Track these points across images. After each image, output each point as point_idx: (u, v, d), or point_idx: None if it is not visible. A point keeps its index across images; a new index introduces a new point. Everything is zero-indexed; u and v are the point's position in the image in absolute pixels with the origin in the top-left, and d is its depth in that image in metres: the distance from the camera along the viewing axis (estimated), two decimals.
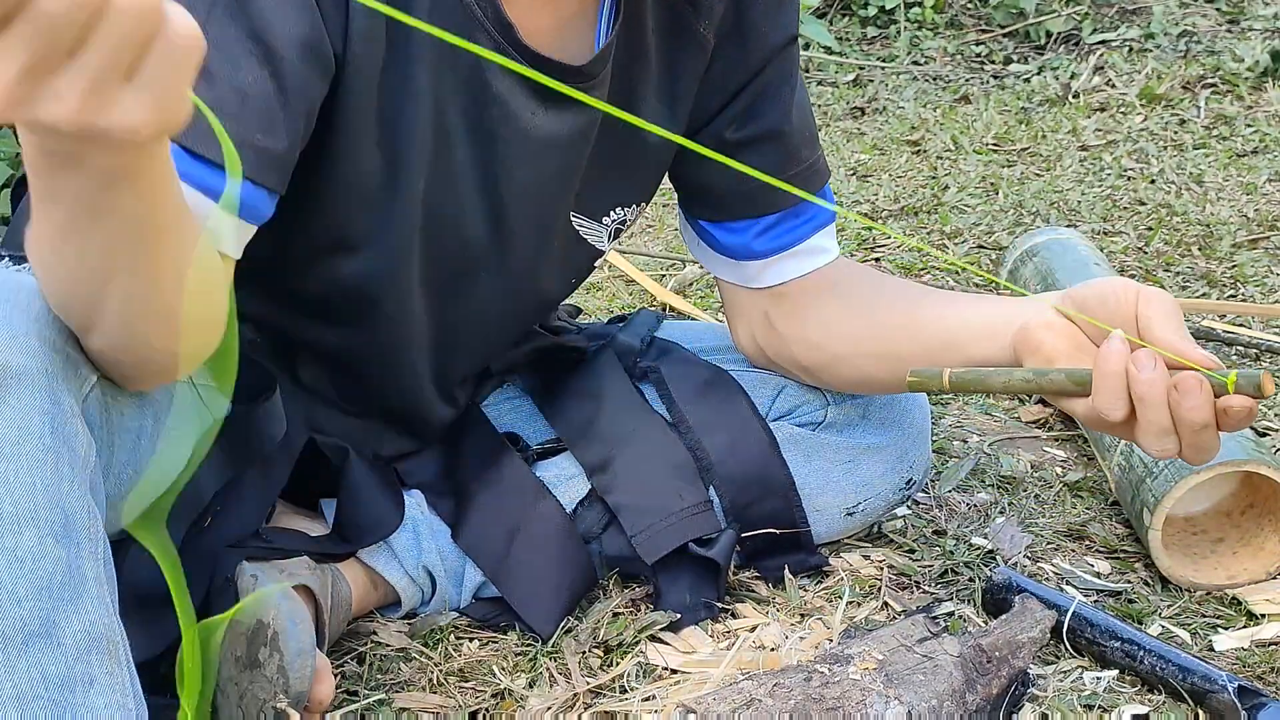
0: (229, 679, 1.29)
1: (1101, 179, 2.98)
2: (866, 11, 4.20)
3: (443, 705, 1.36)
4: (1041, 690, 1.34)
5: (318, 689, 1.28)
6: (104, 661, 0.99)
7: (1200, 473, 1.48)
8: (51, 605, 0.97)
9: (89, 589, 1.00)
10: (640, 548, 1.48)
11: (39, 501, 0.99)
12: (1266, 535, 1.54)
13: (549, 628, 1.46)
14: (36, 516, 0.99)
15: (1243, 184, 2.87)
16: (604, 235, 1.47)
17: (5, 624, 0.95)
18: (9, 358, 1.01)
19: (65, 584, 0.98)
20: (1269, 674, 1.37)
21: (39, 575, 0.97)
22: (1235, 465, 1.48)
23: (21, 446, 1.00)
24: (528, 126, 1.31)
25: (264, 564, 1.34)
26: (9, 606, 0.95)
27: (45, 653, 0.96)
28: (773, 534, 1.52)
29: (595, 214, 1.44)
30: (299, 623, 1.27)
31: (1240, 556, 1.55)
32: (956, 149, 3.28)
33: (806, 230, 1.49)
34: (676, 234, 2.78)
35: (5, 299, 1.04)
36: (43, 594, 0.97)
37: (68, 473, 1.02)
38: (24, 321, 1.04)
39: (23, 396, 1.01)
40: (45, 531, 0.98)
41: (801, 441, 1.55)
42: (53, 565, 0.98)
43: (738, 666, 1.39)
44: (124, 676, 1.00)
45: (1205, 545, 1.58)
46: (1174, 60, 3.75)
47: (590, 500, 1.52)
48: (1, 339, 1.02)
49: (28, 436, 1.00)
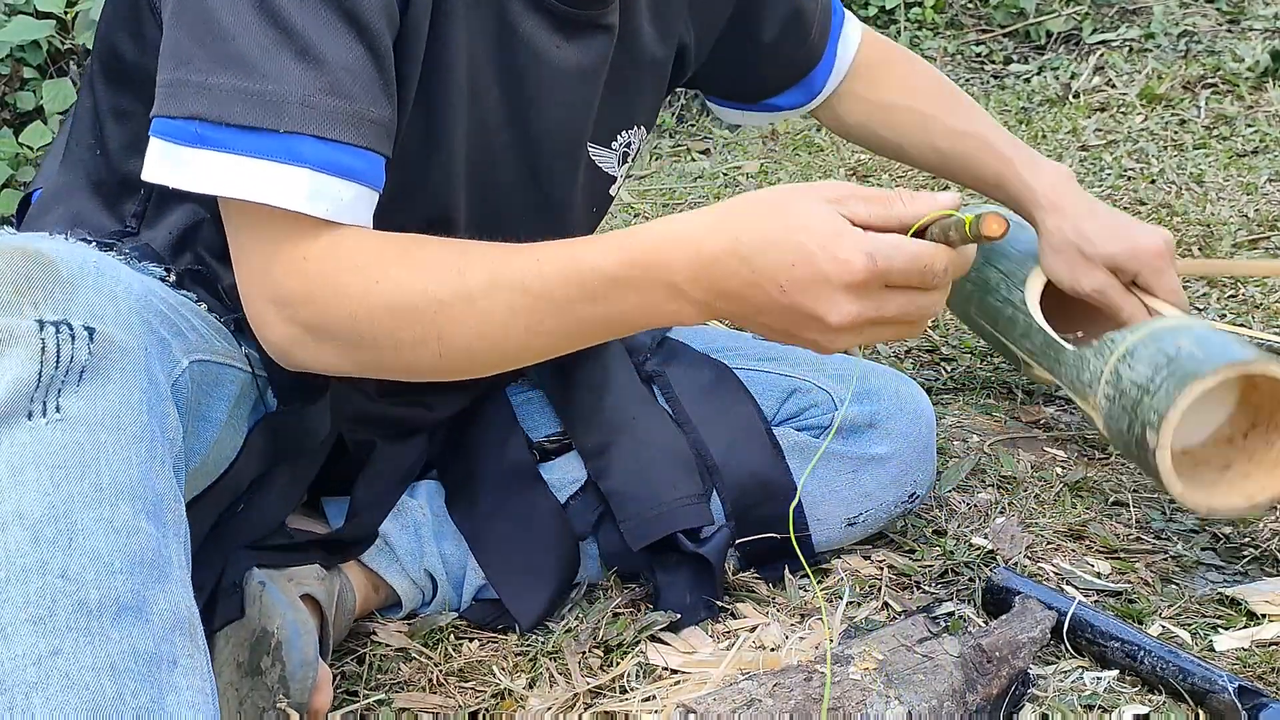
0: (229, 684, 1.29)
1: (1102, 179, 2.98)
2: (866, 11, 4.20)
3: (443, 705, 1.36)
4: (1042, 690, 1.34)
5: (316, 698, 1.28)
6: (186, 643, 0.99)
7: (1206, 377, 1.40)
8: (143, 581, 0.97)
9: (174, 570, 1.00)
10: (628, 535, 1.47)
11: (134, 477, 0.99)
12: (1279, 450, 1.48)
13: (529, 619, 1.46)
14: (132, 492, 0.99)
15: (1243, 184, 2.87)
16: (614, 160, 1.48)
17: (101, 593, 0.95)
18: (115, 333, 1.02)
19: (155, 562, 0.98)
20: (1269, 674, 1.37)
21: (133, 549, 0.97)
22: (1242, 367, 1.40)
23: (121, 420, 1.00)
24: (556, 61, 1.34)
25: (273, 571, 1.34)
26: (105, 577, 0.95)
27: (136, 627, 0.95)
28: (773, 539, 1.52)
29: (605, 139, 1.46)
30: (304, 634, 1.27)
31: (1254, 477, 1.48)
32: None
33: (834, 37, 1.72)
34: None
35: (111, 277, 1.05)
36: (136, 569, 0.97)
37: (160, 453, 1.03)
38: (127, 299, 1.05)
39: (126, 371, 1.02)
40: (139, 508, 0.99)
41: (805, 449, 1.55)
42: (145, 541, 0.98)
43: (738, 666, 1.38)
44: (201, 660, 1.00)
45: (1211, 475, 1.51)
46: (1174, 60, 3.75)
47: (585, 490, 1.52)
48: (109, 314, 1.02)
49: (129, 411, 1.01)
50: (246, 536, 1.35)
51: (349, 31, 1.14)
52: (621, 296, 1.12)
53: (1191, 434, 1.54)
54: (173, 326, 1.15)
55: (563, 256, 1.12)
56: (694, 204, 2.97)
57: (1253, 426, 1.53)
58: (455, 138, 1.30)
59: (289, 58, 1.12)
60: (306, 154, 1.12)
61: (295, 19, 1.12)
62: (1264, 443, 1.51)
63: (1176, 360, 1.44)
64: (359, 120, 1.14)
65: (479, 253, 1.15)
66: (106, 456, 0.98)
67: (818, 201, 1.07)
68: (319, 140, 1.12)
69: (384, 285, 1.14)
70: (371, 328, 1.15)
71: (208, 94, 1.12)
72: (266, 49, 1.12)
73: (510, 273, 1.13)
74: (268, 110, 1.11)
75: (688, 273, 1.09)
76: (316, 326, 1.16)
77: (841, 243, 1.05)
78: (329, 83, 1.13)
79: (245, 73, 1.11)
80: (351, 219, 1.15)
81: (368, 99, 1.15)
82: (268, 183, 1.12)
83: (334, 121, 1.13)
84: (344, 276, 1.14)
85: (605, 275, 1.11)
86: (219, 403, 1.24)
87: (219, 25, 1.12)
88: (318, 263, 1.15)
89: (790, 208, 1.08)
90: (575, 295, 1.12)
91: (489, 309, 1.13)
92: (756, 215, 1.09)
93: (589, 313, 1.13)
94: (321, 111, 1.13)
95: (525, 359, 1.20)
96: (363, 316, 1.14)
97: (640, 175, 3.15)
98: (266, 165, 1.12)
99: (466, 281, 1.13)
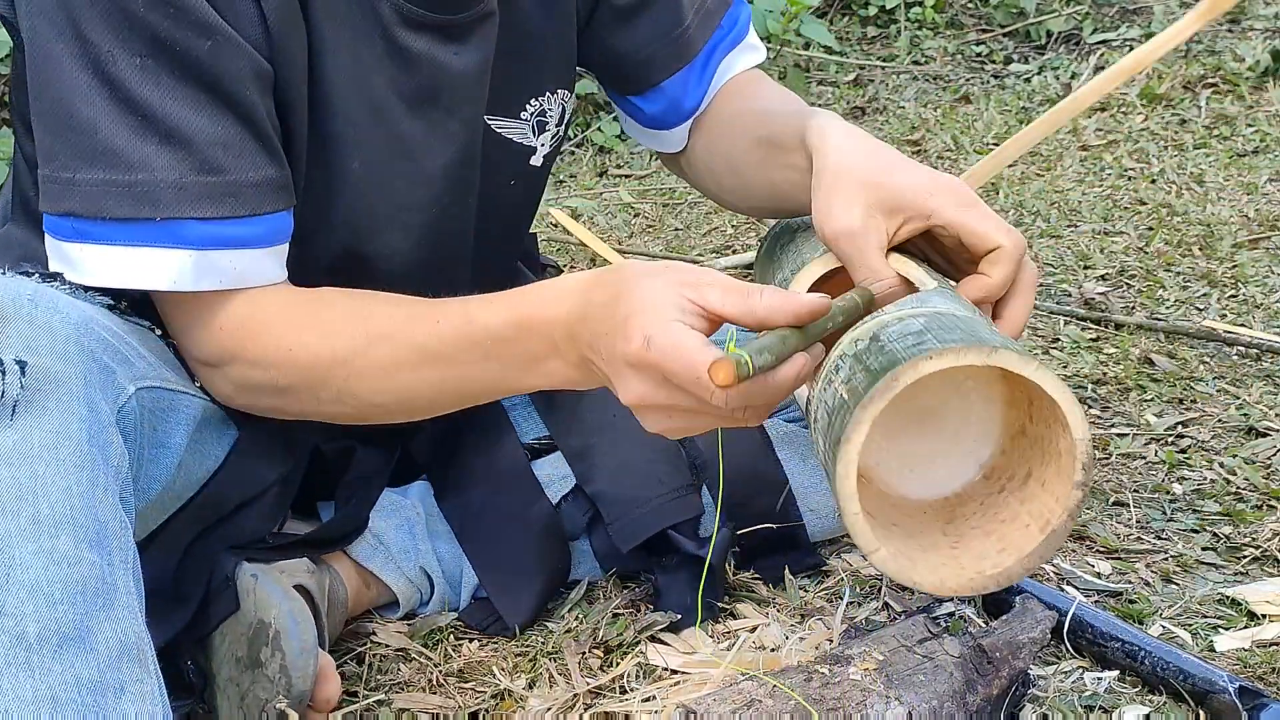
0: (229, 680, 1.29)
1: (1102, 179, 2.98)
2: (867, 11, 4.20)
3: (442, 705, 1.36)
4: (1042, 691, 1.34)
5: (324, 688, 1.28)
6: (134, 670, 0.99)
7: (936, 355, 1.00)
8: (86, 610, 0.97)
9: (120, 597, 1.00)
10: (616, 537, 1.47)
11: (75, 507, 0.99)
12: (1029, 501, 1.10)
13: (517, 619, 1.46)
14: (73, 521, 0.99)
15: (1243, 184, 2.87)
16: (527, 129, 1.46)
17: (41, 625, 0.95)
18: (50, 363, 1.02)
19: (99, 590, 0.98)
20: (1270, 674, 1.37)
21: (74, 579, 0.97)
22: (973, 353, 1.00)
23: (58, 452, 1.00)
24: (460, 67, 1.33)
25: (263, 565, 1.34)
26: (45, 608, 0.95)
27: (79, 657, 0.96)
28: (769, 529, 1.52)
29: (511, 110, 1.44)
30: (301, 621, 1.27)
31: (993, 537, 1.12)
32: (957, 149, 3.28)
33: (717, 59, 1.53)
34: (677, 234, 2.78)
35: (47, 308, 1.05)
36: (78, 598, 0.97)
37: (102, 481, 1.02)
38: (64, 329, 1.05)
39: (62, 402, 1.02)
40: (81, 537, 0.99)
41: (795, 440, 1.55)
42: (87, 570, 0.98)
43: (738, 666, 1.38)
44: (153, 685, 1.00)
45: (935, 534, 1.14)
46: (1174, 60, 3.74)
47: (575, 493, 1.51)
48: (44, 346, 1.03)
49: (65, 442, 1.01)
50: (232, 543, 1.35)
51: (213, 103, 1.16)
52: (509, 353, 1.16)
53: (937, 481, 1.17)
54: (117, 354, 1.15)
55: (458, 317, 1.17)
56: (693, 203, 2.97)
57: (1009, 479, 1.15)
58: (348, 162, 1.30)
59: (154, 144, 1.14)
60: (187, 235, 1.16)
61: (154, 103, 1.14)
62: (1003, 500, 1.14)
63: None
64: (237, 190, 1.17)
65: (384, 314, 1.21)
66: (44, 488, 0.98)
67: (670, 282, 1.07)
68: (198, 220, 1.15)
69: (296, 352, 1.20)
70: (293, 387, 1.23)
71: (78, 191, 1.15)
72: (130, 139, 1.13)
73: (411, 335, 1.19)
74: (141, 201, 1.14)
75: (562, 330, 1.12)
76: (245, 386, 1.25)
77: (634, 320, 1.05)
78: (199, 161, 1.15)
79: (113, 165, 1.14)
80: (254, 281, 1.20)
81: (245, 165, 1.18)
82: (151, 269, 1.16)
83: (210, 199, 1.16)
84: (260, 342, 1.21)
85: (494, 333, 1.15)
86: (177, 428, 1.24)
87: (78, 119, 1.14)
88: (231, 334, 1.21)
89: (642, 281, 1.07)
90: (471, 355, 1.17)
91: (393, 370, 1.19)
92: (615, 283, 1.09)
93: (484, 370, 1.18)
94: (194, 192, 1.15)
95: (438, 410, 1.27)
96: (283, 379, 1.22)
97: (641, 175, 3.15)
98: (148, 252, 1.16)
99: (370, 346, 1.19)
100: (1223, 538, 1.63)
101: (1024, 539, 1.09)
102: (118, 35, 1.12)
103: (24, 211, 1.37)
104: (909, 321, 1.07)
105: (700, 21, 1.51)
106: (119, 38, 1.12)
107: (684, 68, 1.51)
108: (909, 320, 1.07)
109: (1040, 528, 1.08)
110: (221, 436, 1.33)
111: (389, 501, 1.50)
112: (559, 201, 2.97)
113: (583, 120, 3.44)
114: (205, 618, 1.32)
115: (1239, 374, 2.04)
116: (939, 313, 1.09)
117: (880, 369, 1.02)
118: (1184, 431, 1.88)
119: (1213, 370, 2.06)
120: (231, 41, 1.16)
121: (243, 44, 1.17)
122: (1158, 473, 1.79)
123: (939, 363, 1.00)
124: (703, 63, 1.52)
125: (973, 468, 1.16)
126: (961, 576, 1.09)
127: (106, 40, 1.12)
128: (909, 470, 1.17)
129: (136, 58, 1.13)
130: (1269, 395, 1.97)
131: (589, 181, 3.17)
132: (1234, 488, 1.73)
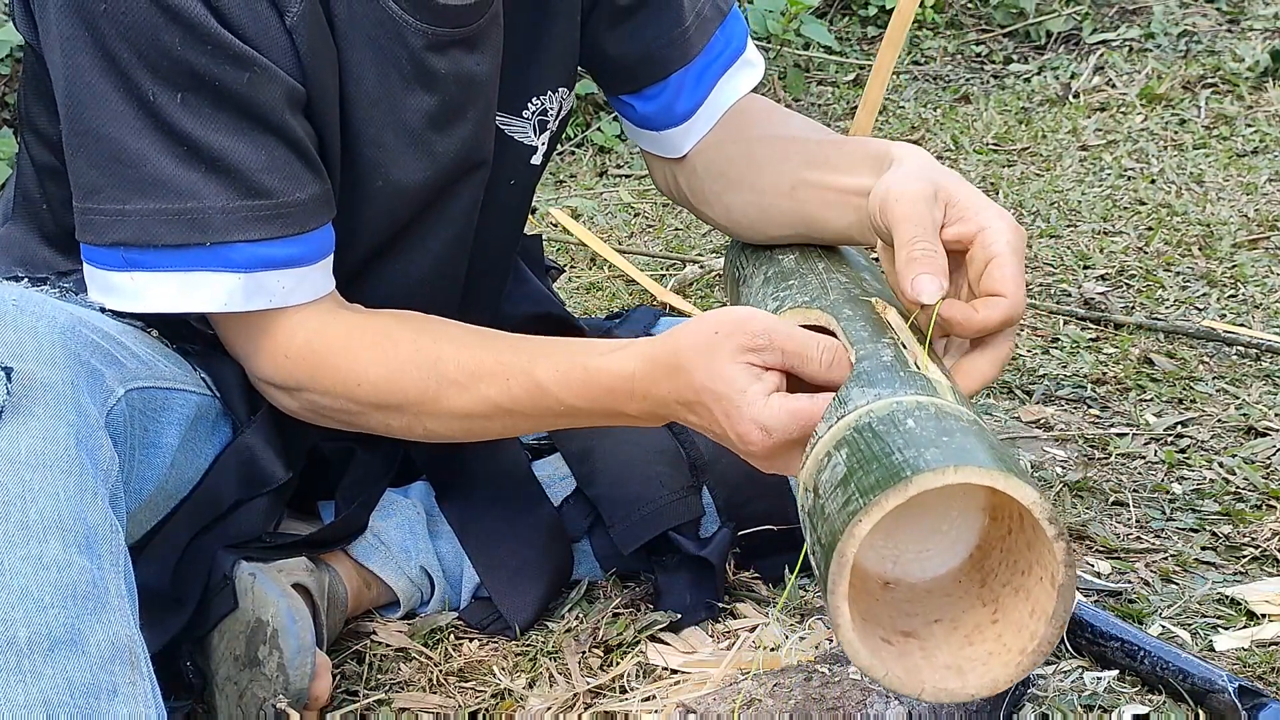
0: (228, 678, 1.29)
1: (1102, 179, 2.98)
2: (866, 11, 4.20)
3: (443, 705, 1.36)
4: (1042, 690, 1.34)
5: (316, 685, 1.28)
6: (126, 672, 0.99)
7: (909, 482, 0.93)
8: (76, 614, 0.97)
9: (111, 600, 1.00)
10: (618, 540, 1.47)
11: (63, 512, 1.00)
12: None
13: (521, 620, 1.46)
14: (61, 526, 0.99)
15: (1243, 184, 2.87)
16: (528, 128, 1.47)
17: (31, 630, 0.95)
18: (36, 369, 1.02)
19: (89, 594, 0.99)
20: (1269, 674, 1.37)
21: (64, 583, 0.97)
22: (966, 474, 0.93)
23: (46, 457, 1.00)
24: (482, 78, 1.35)
25: (262, 564, 1.34)
26: (35, 613, 0.96)
27: (71, 660, 0.96)
28: (770, 531, 1.52)
29: (514, 108, 1.45)
30: (299, 619, 1.27)
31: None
32: (957, 149, 3.28)
33: (716, 70, 1.51)
34: (677, 234, 2.78)
35: (32, 313, 1.06)
36: (68, 602, 0.97)
37: (91, 485, 1.03)
38: (50, 334, 1.05)
39: (49, 407, 1.02)
40: (69, 542, 0.99)
41: None
42: (77, 574, 0.98)
43: (738, 666, 1.38)
44: (146, 687, 1.00)
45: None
46: (1174, 60, 3.75)
47: (575, 496, 1.51)
48: (29, 351, 1.03)
49: (54, 446, 1.01)
50: (230, 542, 1.35)
51: (254, 130, 1.19)
52: (583, 417, 1.26)
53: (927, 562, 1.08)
54: (106, 356, 1.15)
55: (528, 380, 1.23)
56: None
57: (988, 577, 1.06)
58: (373, 179, 1.32)
59: (201, 172, 1.17)
60: (236, 258, 1.19)
61: (197, 135, 1.17)
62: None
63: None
64: (283, 211, 1.20)
65: (451, 358, 1.25)
66: (32, 494, 0.99)
67: (732, 358, 1.10)
68: (246, 243, 1.18)
69: (364, 388, 1.25)
70: (364, 413, 1.28)
71: (128, 222, 1.17)
72: (177, 169, 1.17)
73: (483, 393, 1.24)
74: (192, 228, 1.17)
75: (637, 409, 1.20)
76: (316, 410, 1.29)
77: (741, 415, 1.09)
78: (245, 187, 1.18)
79: (162, 195, 1.17)
80: (306, 297, 1.24)
81: (292, 185, 1.21)
82: (202, 292, 1.20)
83: (257, 222, 1.19)
84: (326, 373, 1.25)
85: (567, 405, 1.22)
86: (168, 428, 1.25)
87: (126, 153, 1.16)
88: (297, 362, 1.25)
89: (702, 368, 1.12)
90: (545, 416, 1.26)
91: (464, 417, 1.26)
92: (679, 369, 1.14)
93: (555, 422, 1.32)
94: (242, 217, 1.18)
95: (509, 436, 1.40)
96: (354, 407, 1.27)
97: (640, 175, 3.15)
98: (198, 275, 1.19)
99: (441, 392, 1.24)
100: (1222, 537, 1.63)
101: (1042, 595, 0.98)
102: (157, 73, 1.15)
103: (25, 212, 1.37)
104: (835, 461, 1.00)
105: (699, 25, 1.51)
106: (159, 75, 1.15)
107: (680, 70, 1.51)
108: (835, 458, 1.00)
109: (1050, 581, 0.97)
110: (214, 434, 1.33)
111: (389, 501, 1.49)
112: (559, 201, 2.97)
113: (583, 120, 3.44)
114: (203, 616, 1.32)
115: (1239, 374, 2.04)
116: (858, 431, 1.00)
117: (828, 539, 0.96)
118: (1184, 431, 1.89)
119: (1212, 370, 2.06)
120: (268, 71, 1.19)
121: (278, 72, 1.19)
122: (1157, 472, 1.79)
123: (868, 522, 0.93)
124: (700, 68, 1.51)
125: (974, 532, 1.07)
126: (1009, 661, 0.98)
127: (146, 79, 1.15)
128: (923, 552, 1.07)
129: (179, 93, 1.16)
130: (1269, 395, 1.97)
131: (589, 181, 3.17)
132: (1233, 487, 1.73)
